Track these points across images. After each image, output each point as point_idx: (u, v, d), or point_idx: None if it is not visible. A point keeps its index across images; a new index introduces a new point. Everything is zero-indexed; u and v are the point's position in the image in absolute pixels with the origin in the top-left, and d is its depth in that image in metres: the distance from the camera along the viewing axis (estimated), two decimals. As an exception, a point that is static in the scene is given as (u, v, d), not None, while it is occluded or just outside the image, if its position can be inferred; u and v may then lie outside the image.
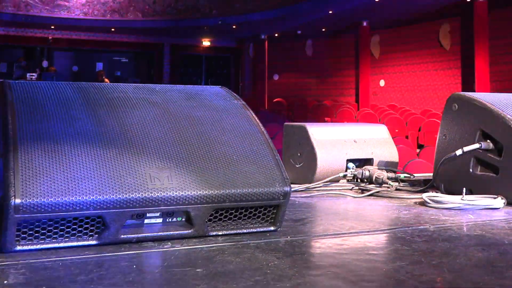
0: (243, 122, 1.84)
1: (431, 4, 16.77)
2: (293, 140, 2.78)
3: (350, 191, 2.46)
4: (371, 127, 2.92)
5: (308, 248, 1.46)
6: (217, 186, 1.56)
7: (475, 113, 2.36)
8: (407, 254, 1.40)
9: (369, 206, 2.15)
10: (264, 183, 1.62)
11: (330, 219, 1.91)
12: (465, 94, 2.46)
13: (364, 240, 1.56)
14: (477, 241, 1.56)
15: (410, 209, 2.05)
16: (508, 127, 2.20)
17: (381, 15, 18.40)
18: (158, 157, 1.59)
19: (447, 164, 2.40)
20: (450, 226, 1.74)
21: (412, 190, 2.46)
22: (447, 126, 2.48)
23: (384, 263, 1.31)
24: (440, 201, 2.07)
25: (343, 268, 1.28)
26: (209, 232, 1.57)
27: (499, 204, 2.06)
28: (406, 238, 1.58)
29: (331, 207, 2.15)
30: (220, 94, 2.01)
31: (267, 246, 1.48)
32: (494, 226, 1.75)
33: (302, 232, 1.65)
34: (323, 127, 2.77)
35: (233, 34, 22.35)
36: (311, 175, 2.62)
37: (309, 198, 2.29)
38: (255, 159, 1.69)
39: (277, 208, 1.63)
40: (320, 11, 18.52)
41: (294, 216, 1.88)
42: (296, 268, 1.27)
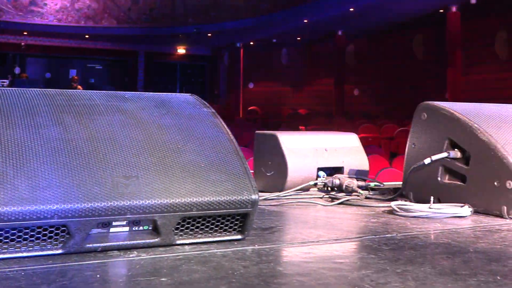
0: (212, 130, 1.83)
1: (405, 15, 17.00)
2: (264, 149, 2.78)
3: (320, 199, 2.46)
4: (342, 135, 2.94)
5: (275, 257, 1.46)
6: (184, 195, 1.55)
7: (444, 122, 2.39)
8: (373, 262, 1.41)
9: (338, 214, 2.16)
10: (232, 191, 1.61)
11: (299, 228, 1.92)
12: (433, 103, 2.48)
13: (331, 249, 1.57)
14: (443, 249, 1.57)
15: (378, 217, 2.06)
16: (475, 136, 2.23)
17: (356, 25, 18.59)
18: (125, 165, 1.57)
19: (416, 172, 2.42)
20: (417, 234, 1.76)
21: (382, 198, 2.47)
22: (416, 135, 2.51)
23: (350, 271, 1.31)
24: (408, 209, 2.08)
25: (309, 277, 1.28)
26: (176, 241, 1.56)
27: (466, 213, 2.09)
28: (373, 247, 1.59)
29: (301, 216, 2.15)
30: (189, 102, 2.00)
31: (234, 254, 1.47)
32: (460, 234, 1.77)
33: (270, 241, 1.64)
34: (294, 136, 2.77)
35: (208, 42, 22.37)
36: (282, 183, 2.62)
37: (279, 207, 2.28)
38: (224, 167, 1.68)
39: (245, 217, 1.63)
40: (295, 20, 18.64)
41: (263, 225, 1.88)
42: (262, 277, 1.26)
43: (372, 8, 16.55)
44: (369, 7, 16.53)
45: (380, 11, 16.82)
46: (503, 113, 2.48)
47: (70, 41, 21.15)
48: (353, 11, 17.00)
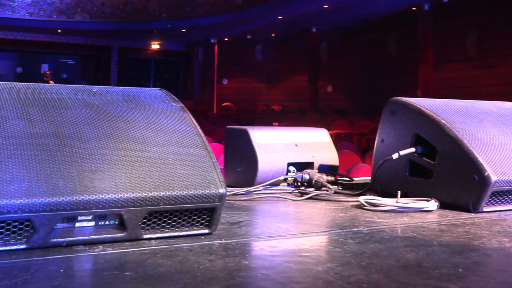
0: (180, 124, 1.83)
1: (379, 12, 17.12)
2: (235, 144, 2.78)
3: (290, 194, 2.47)
4: (313, 131, 2.95)
5: (242, 251, 1.46)
6: (151, 189, 1.55)
7: (412, 118, 2.41)
8: (338, 256, 1.42)
9: (307, 209, 2.17)
10: (199, 185, 1.61)
11: (267, 222, 1.92)
12: (402, 99, 2.51)
13: (298, 243, 1.58)
14: (408, 243, 1.59)
15: (346, 212, 2.07)
16: (442, 132, 2.26)
17: (331, 22, 18.66)
18: (91, 159, 1.56)
19: (384, 167, 2.45)
20: (383, 228, 1.78)
21: (350, 193, 2.49)
22: (385, 130, 2.53)
23: (315, 265, 1.32)
24: (376, 204, 2.10)
25: (274, 270, 1.28)
26: (142, 235, 1.55)
27: (433, 207, 2.11)
28: (339, 240, 1.60)
29: (270, 210, 2.15)
30: (158, 96, 2.00)
31: (201, 249, 1.47)
32: (425, 228, 1.79)
33: (237, 235, 1.64)
34: (264, 131, 2.78)
35: (182, 37, 22.25)
36: (252, 178, 2.62)
37: (248, 202, 2.29)
38: (191, 161, 1.68)
39: (212, 211, 1.63)
40: (270, 17, 18.64)
41: (231, 219, 1.88)
42: (227, 271, 1.27)
43: (346, 5, 16.63)
44: (343, 4, 16.61)
45: (354, 8, 16.91)
46: (470, 109, 2.52)
47: (42, 36, 20.85)
48: (327, 8, 17.06)
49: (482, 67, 15.64)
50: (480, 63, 15.70)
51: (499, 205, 2.15)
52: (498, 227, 1.83)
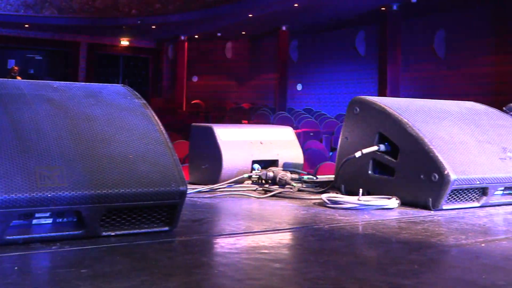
0: (142, 121, 1.82)
1: (348, 11, 17.23)
2: (199, 141, 2.78)
3: (254, 192, 2.48)
4: (278, 129, 2.96)
5: (201, 248, 1.46)
6: (110, 186, 1.53)
7: (375, 116, 2.43)
8: (298, 253, 1.43)
9: (270, 206, 2.18)
10: (160, 183, 1.60)
11: (228, 220, 1.92)
12: (366, 98, 2.53)
13: (257, 240, 1.58)
14: (367, 240, 1.61)
15: (308, 209, 2.09)
16: (404, 130, 2.28)
17: (300, 20, 18.72)
18: (49, 156, 1.54)
19: (347, 165, 2.46)
20: (344, 225, 1.79)
21: (314, 191, 2.50)
22: (349, 128, 2.55)
23: (273, 262, 1.33)
24: (338, 201, 2.12)
25: (231, 267, 1.29)
26: (101, 233, 1.54)
27: (394, 205, 2.14)
28: (299, 237, 1.61)
29: (232, 208, 2.16)
30: (120, 93, 1.98)
31: (160, 246, 1.47)
32: (385, 226, 1.81)
33: (198, 232, 1.64)
34: (229, 128, 2.78)
35: (152, 34, 22.09)
36: (216, 176, 2.62)
37: (211, 199, 2.29)
38: (152, 158, 1.67)
39: (173, 208, 1.62)
40: (240, 15, 18.63)
41: (193, 217, 1.87)
42: (184, 268, 1.26)
43: (316, 4, 16.70)
44: (313, 3, 16.68)
45: (324, 7, 16.99)
46: (432, 108, 2.55)
47: (8, 30, 20.47)
48: (297, 6, 17.12)
49: (449, 67, 15.87)
50: (447, 63, 15.93)
51: (458, 203, 2.19)
52: (456, 225, 1.86)
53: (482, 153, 2.32)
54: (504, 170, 2.29)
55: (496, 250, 1.51)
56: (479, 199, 2.24)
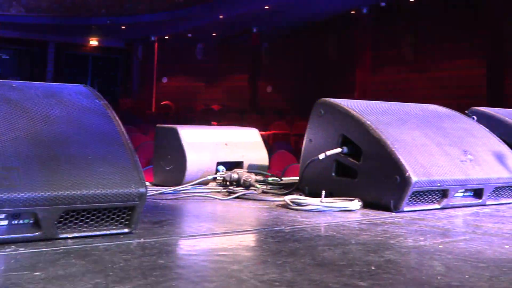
0: (103, 122, 1.80)
1: (319, 14, 17.35)
2: (164, 142, 2.76)
3: (218, 193, 2.47)
4: (243, 130, 2.96)
5: (159, 250, 1.45)
6: (67, 187, 1.51)
7: (339, 119, 2.45)
8: (256, 254, 1.43)
9: (233, 208, 2.17)
10: (119, 184, 1.59)
11: (190, 221, 1.92)
12: (330, 100, 2.55)
13: (217, 242, 1.57)
14: (326, 241, 1.61)
15: (271, 211, 2.09)
16: (367, 133, 2.30)
17: (271, 23, 18.78)
18: (5, 156, 1.51)
19: (311, 167, 2.47)
20: (304, 227, 1.79)
21: (278, 193, 2.51)
22: (313, 130, 2.56)
23: (231, 264, 1.32)
24: (301, 203, 2.13)
25: (188, 269, 1.28)
26: (58, 235, 1.51)
27: (356, 206, 2.15)
28: (259, 239, 1.61)
29: (195, 210, 2.15)
30: (81, 93, 1.95)
31: (118, 248, 1.45)
32: (346, 227, 1.82)
33: (157, 234, 1.63)
34: (194, 130, 2.76)
35: (122, 34, 21.93)
36: (180, 177, 2.60)
37: (174, 201, 2.27)
38: (112, 160, 1.65)
39: (132, 210, 1.60)
40: (211, 16, 18.61)
41: (154, 218, 1.86)
42: (141, 270, 1.25)
43: (287, 6, 16.77)
44: (284, 6, 16.75)
45: (294, 9, 17.07)
46: (395, 111, 2.58)
47: (-26, 29, 20.14)
48: (268, 8, 17.17)
49: (417, 71, 16.07)
50: (415, 67, 16.13)
51: (419, 204, 2.22)
52: (416, 226, 1.88)
53: (443, 155, 2.35)
54: (464, 172, 2.32)
55: (453, 251, 1.53)
56: (440, 201, 2.27)
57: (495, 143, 2.62)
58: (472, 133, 2.62)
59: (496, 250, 1.56)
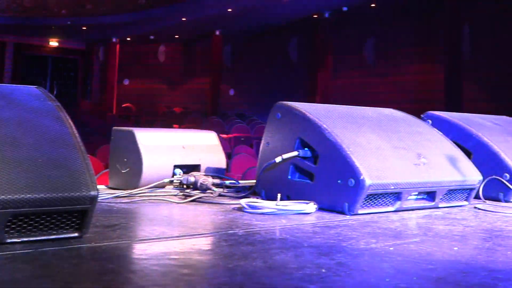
0: (54, 124, 1.76)
1: (282, 18, 17.43)
2: (120, 145, 2.73)
3: (174, 197, 2.46)
4: (200, 133, 2.94)
5: (109, 255, 1.43)
6: (15, 191, 1.48)
7: (296, 122, 2.46)
8: (208, 258, 1.42)
9: (188, 212, 2.16)
10: (69, 187, 1.56)
11: (143, 225, 1.90)
12: (287, 103, 2.56)
13: (169, 245, 1.56)
14: (280, 244, 1.62)
15: (227, 214, 2.08)
16: (323, 136, 2.32)
17: (234, 25, 18.80)
18: (-49, 159, 1.47)
19: (268, 171, 2.48)
20: (259, 230, 1.80)
21: (235, 196, 2.51)
22: (271, 134, 2.57)
23: (181, 268, 1.31)
24: (256, 206, 2.13)
25: (138, 274, 1.27)
26: (6, 239, 1.48)
27: (311, 209, 2.17)
28: (212, 243, 1.60)
29: (149, 213, 2.13)
30: (33, 94, 1.92)
31: (67, 253, 1.43)
32: (300, 230, 1.83)
33: (109, 238, 1.61)
34: (151, 132, 2.74)
35: (83, 35, 21.65)
36: (137, 180, 2.58)
37: (129, 204, 2.25)
38: (63, 162, 1.62)
39: (83, 214, 1.58)
40: (174, 18, 18.52)
41: (107, 222, 1.83)
42: (89, 275, 1.23)
43: (250, 10, 16.81)
44: (247, 9, 16.78)
45: (257, 13, 17.12)
46: (352, 115, 2.61)
47: None
48: (231, 11, 17.18)
49: (378, 75, 16.29)
50: (376, 71, 16.35)
51: (373, 207, 2.24)
52: (369, 229, 1.90)
53: (398, 158, 2.38)
54: (418, 175, 2.36)
55: (403, 254, 1.55)
56: (394, 204, 2.30)
57: (448, 146, 2.67)
58: (426, 137, 2.67)
59: (445, 252, 1.59)
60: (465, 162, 2.60)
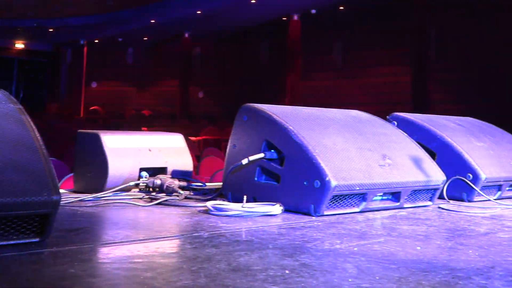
0: (16, 127, 1.74)
1: (252, 20, 17.46)
2: (86, 148, 2.69)
3: (140, 200, 2.44)
4: (167, 136, 2.93)
5: (71, 259, 1.41)
6: (-26, 195, 1.45)
7: (262, 124, 2.46)
8: (171, 261, 1.41)
9: (154, 215, 2.14)
10: (30, 192, 1.54)
11: (107, 229, 1.88)
12: (254, 106, 2.56)
13: (133, 249, 1.55)
14: (244, 247, 1.62)
15: (192, 217, 2.07)
16: (290, 138, 2.33)
17: (204, 28, 18.76)
18: None
19: (235, 173, 2.48)
20: (224, 232, 1.79)
21: (201, 198, 2.50)
22: (237, 136, 2.57)
23: (144, 271, 1.30)
24: (222, 208, 2.12)
25: (100, 278, 1.25)
26: (-36, 245, 1.45)
27: (277, 211, 2.17)
28: (177, 246, 1.59)
29: (114, 217, 2.11)
30: (-6, 98, 1.88)
31: (28, 258, 1.40)
32: (265, 232, 1.83)
33: (72, 242, 1.59)
34: (117, 135, 2.71)
35: (50, 38, 21.37)
36: (102, 184, 2.55)
37: (94, 208, 2.22)
38: (24, 166, 1.60)
39: (45, 218, 1.56)
40: (142, 20, 18.41)
41: (71, 226, 1.81)
42: (49, 280, 1.21)
43: (219, 12, 16.80)
44: (216, 11, 16.76)
45: (227, 15, 17.12)
46: (318, 116, 2.62)
47: None
48: (200, 14, 17.14)
49: (346, 77, 16.43)
50: (344, 73, 16.49)
51: (339, 208, 2.25)
52: (334, 230, 1.91)
53: (363, 160, 2.40)
54: (383, 176, 2.38)
55: (366, 254, 1.56)
56: (359, 205, 2.32)
57: (413, 147, 2.70)
58: (391, 138, 2.70)
59: (408, 252, 1.61)
60: (429, 163, 2.63)
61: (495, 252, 1.62)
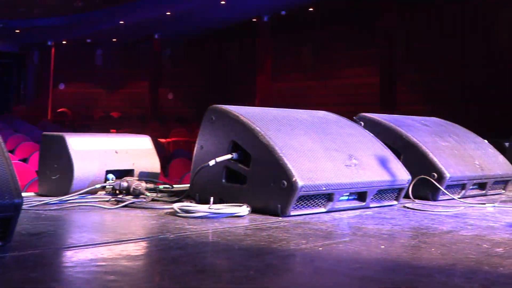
0: (-24, 130, 1.71)
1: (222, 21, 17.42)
2: (50, 151, 2.66)
3: (106, 203, 2.41)
4: (134, 138, 2.91)
5: (33, 263, 1.39)
6: None
7: (229, 125, 2.46)
8: (136, 264, 1.40)
9: (120, 217, 2.13)
10: (-9, 195, 1.51)
11: (72, 232, 1.86)
12: (221, 107, 2.56)
13: (96, 252, 1.53)
14: (210, 248, 1.62)
15: (159, 219, 2.06)
16: (256, 139, 2.33)
17: (174, 29, 18.66)
18: None
19: (202, 174, 2.47)
20: (190, 234, 1.79)
21: (168, 200, 2.49)
22: (204, 137, 2.56)
23: (108, 274, 1.29)
24: (189, 210, 2.12)
25: (61, 282, 1.24)
26: None
27: (244, 212, 2.17)
28: (142, 248, 1.58)
29: (79, 220, 2.08)
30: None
31: (-12, 262, 1.38)
32: (232, 233, 1.83)
33: (34, 247, 1.56)
34: (83, 138, 2.69)
35: (16, 39, 21.02)
36: (67, 187, 2.52)
37: (58, 211, 2.19)
38: (-15, 169, 1.57)
39: (6, 222, 1.53)
40: (111, 21, 18.23)
41: (34, 230, 1.79)
42: (10, 285, 1.19)
43: (189, 13, 16.73)
44: (186, 12, 16.69)
45: (197, 16, 17.05)
46: (286, 117, 2.63)
47: None
48: (170, 15, 17.05)
49: (315, 78, 16.50)
50: (314, 75, 16.56)
51: (305, 208, 2.26)
52: (300, 230, 1.92)
53: (329, 160, 2.42)
54: (349, 176, 2.40)
55: (331, 254, 1.57)
56: (326, 205, 2.33)
57: (379, 147, 2.73)
58: (358, 138, 2.72)
59: (372, 251, 1.62)
60: (395, 162, 2.66)
61: (457, 250, 1.65)
